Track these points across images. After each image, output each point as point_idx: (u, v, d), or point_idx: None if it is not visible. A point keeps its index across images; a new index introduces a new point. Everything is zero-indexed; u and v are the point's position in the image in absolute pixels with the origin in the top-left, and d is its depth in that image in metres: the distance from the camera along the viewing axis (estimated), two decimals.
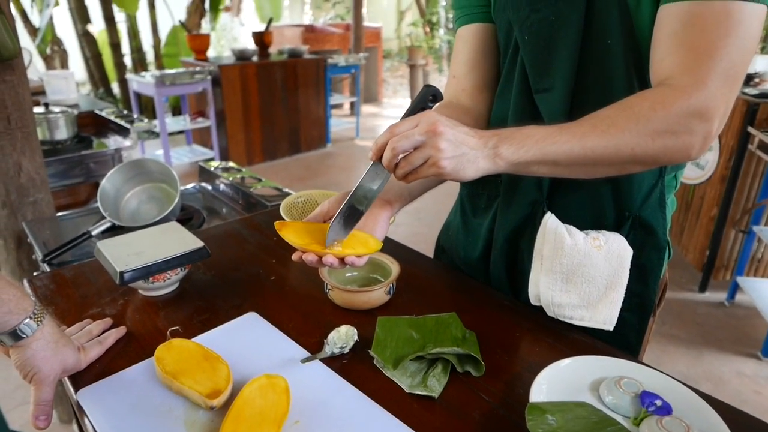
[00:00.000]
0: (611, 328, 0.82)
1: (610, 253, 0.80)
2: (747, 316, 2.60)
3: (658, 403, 0.64)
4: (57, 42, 5.61)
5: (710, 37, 0.64)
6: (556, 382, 0.67)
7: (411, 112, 0.68)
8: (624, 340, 0.87)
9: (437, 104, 0.74)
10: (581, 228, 0.82)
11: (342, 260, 0.72)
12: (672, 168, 0.83)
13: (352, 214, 0.72)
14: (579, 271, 0.81)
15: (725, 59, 0.64)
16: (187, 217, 1.51)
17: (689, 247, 3.01)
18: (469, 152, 0.64)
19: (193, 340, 0.78)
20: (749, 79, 2.75)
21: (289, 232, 0.73)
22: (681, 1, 0.66)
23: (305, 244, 0.72)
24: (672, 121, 0.65)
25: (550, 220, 0.82)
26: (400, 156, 0.65)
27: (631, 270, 0.81)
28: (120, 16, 5.71)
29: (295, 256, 0.73)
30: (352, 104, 6.58)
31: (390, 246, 1.11)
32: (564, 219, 0.83)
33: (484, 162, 0.65)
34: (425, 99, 0.68)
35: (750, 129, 2.44)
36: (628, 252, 0.80)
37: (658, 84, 0.69)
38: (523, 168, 0.68)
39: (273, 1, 6.77)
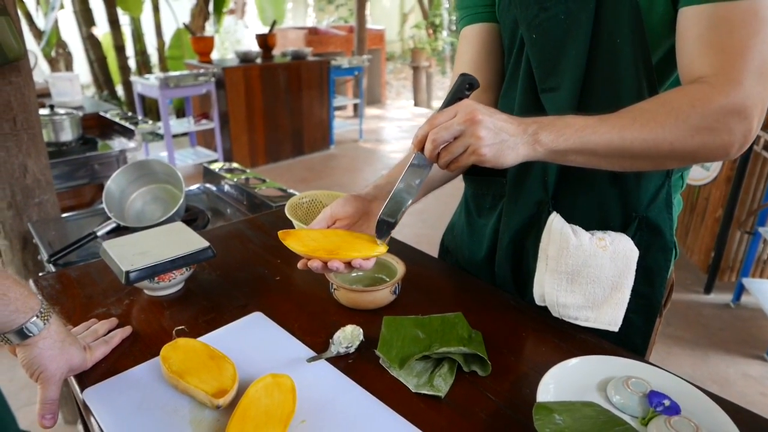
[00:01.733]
0: (616, 329, 0.82)
1: (615, 254, 0.80)
2: (753, 317, 2.59)
3: (666, 402, 0.63)
4: (62, 45, 5.65)
5: (739, 37, 0.64)
6: (563, 381, 0.67)
7: (449, 102, 0.68)
8: (630, 341, 0.86)
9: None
10: (587, 228, 0.82)
11: (348, 264, 0.72)
12: (678, 168, 0.83)
13: (386, 224, 0.73)
14: (584, 271, 0.81)
15: (757, 58, 0.64)
16: (191, 217, 1.51)
17: (694, 248, 3.00)
18: (509, 139, 0.65)
19: (198, 339, 0.78)
20: None
21: (293, 241, 0.73)
22: (703, 4, 0.66)
23: (310, 251, 0.71)
24: (711, 118, 0.65)
25: (555, 220, 0.82)
26: (441, 147, 0.66)
27: (637, 271, 0.81)
28: (124, 19, 5.74)
29: (300, 264, 0.73)
30: (356, 106, 6.59)
31: (395, 246, 1.11)
32: (570, 219, 0.82)
33: (523, 148, 0.66)
34: (462, 88, 0.69)
35: None
36: (634, 253, 0.80)
37: (691, 83, 0.68)
38: (560, 156, 0.68)
39: (276, 4, 6.79)
